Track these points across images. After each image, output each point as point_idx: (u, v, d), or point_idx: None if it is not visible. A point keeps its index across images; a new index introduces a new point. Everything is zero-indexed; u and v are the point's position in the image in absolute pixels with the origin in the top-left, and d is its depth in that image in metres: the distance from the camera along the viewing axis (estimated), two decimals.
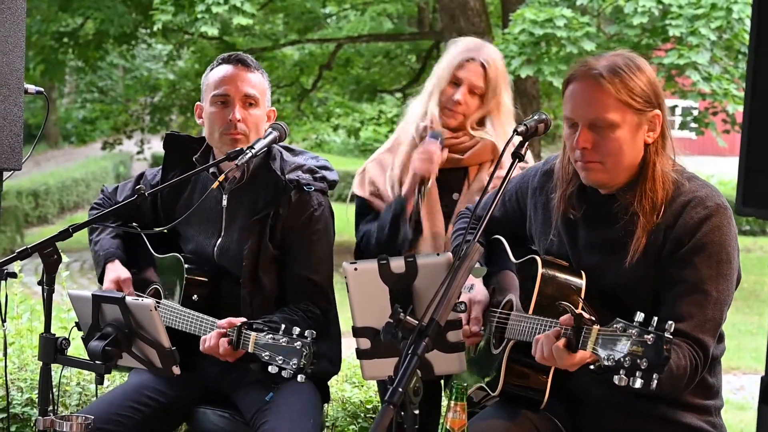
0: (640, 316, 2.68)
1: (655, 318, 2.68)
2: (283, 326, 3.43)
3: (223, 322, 3.60)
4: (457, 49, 4.15)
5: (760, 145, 2.31)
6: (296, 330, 3.39)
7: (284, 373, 3.37)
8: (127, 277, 4.00)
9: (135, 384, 3.91)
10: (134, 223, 4.12)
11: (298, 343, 3.35)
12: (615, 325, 2.72)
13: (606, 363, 2.70)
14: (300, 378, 3.35)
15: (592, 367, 2.90)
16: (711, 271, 3.05)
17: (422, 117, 4.17)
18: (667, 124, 3.17)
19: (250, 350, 3.48)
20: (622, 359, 2.66)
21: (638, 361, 2.64)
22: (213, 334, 3.61)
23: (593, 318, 2.87)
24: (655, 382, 2.64)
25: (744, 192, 2.33)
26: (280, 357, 3.37)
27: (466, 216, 3.77)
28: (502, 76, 4.14)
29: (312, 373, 3.80)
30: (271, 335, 3.43)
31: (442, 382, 4.07)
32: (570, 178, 3.26)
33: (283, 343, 3.38)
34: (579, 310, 2.90)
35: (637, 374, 2.64)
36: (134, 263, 4.12)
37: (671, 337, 2.64)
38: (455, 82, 4.10)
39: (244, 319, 3.58)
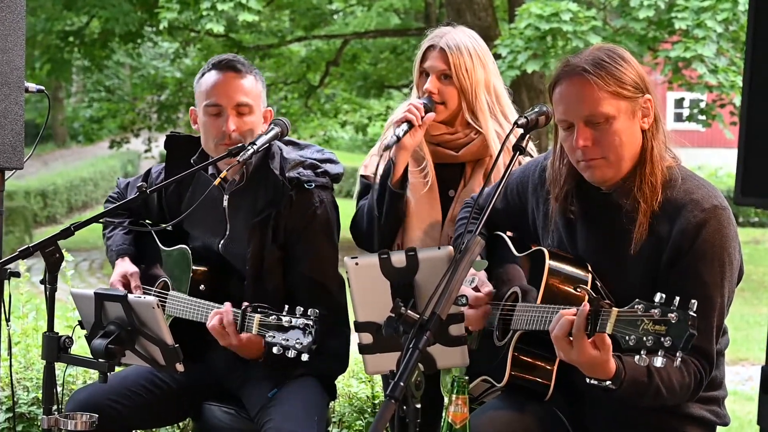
0: (659, 297, 2.68)
1: (677, 297, 2.67)
2: (286, 306, 3.48)
3: (227, 305, 3.63)
4: (422, 42, 4.10)
5: (758, 134, 2.30)
6: (299, 309, 3.44)
7: (288, 353, 3.41)
8: (134, 271, 4.02)
9: (148, 368, 3.90)
10: (142, 220, 4.16)
11: (301, 321, 3.40)
12: (635, 306, 2.72)
13: (629, 344, 2.70)
14: (304, 357, 3.39)
15: (594, 381, 2.92)
16: (715, 277, 3.03)
17: None
18: (658, 108, 3.15)
19: (254, 332, 3.52)
20: (644, 338, 2.67)
21: (661, 339, 2.64)
22: (213, 313, 3.64)
23: (610, 302, 2.87)
24: (678, 360, 2.65)
25: (743, 182, 2.31)
26: (284, 337, 3.42)
27: (469, 205, 3.76)
28: (475, 57, 3.99)
29: (319, 371, 3.81)
30: (274, 315, 3.47)
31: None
32: (564, 179, 3.23)
33: (286, 323, 3.43)
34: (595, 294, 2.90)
35: (659, 353, 2.65)
36: (144, 258, 4.14)
37: (695, 314, 2.63)
38: (424, 74, 4.05)
39: (247, 303, 3.60)
